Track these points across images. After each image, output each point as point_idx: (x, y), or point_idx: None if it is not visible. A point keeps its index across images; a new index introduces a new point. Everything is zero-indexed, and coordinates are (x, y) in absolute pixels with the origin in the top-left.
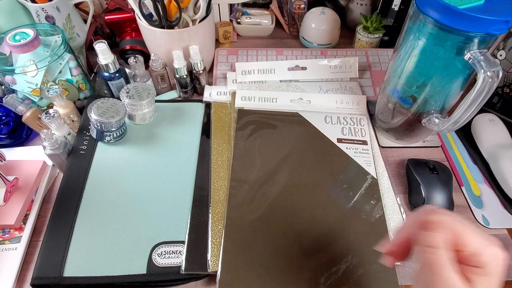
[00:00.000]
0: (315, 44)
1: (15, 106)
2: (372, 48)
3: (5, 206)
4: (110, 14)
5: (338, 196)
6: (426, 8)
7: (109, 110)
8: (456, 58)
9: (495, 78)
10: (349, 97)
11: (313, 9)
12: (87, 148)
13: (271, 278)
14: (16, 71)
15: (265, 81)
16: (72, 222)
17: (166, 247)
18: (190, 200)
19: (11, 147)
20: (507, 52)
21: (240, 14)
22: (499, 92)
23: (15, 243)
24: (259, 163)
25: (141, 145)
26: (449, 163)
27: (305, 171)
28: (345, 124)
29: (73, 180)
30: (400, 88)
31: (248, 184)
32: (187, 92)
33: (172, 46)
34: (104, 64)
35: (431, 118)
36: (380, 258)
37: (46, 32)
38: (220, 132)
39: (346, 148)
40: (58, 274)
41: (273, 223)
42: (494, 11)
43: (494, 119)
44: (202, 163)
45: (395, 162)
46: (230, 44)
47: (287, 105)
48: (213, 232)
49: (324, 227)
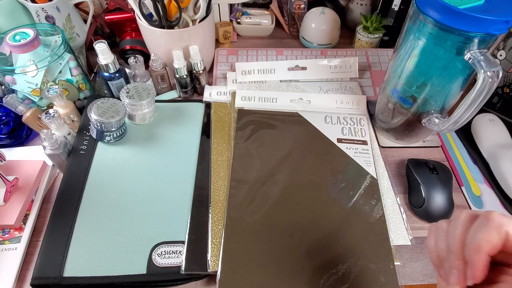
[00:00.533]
0: (315, 44)
1: (15, 106)
2: (372, 48)
3: (5, 206)
4: (110, 14)
5: (338, 196)
6: (426, 8)
7: (109, 110)
8: (456, 58)
9: (495, 78)
10: (349, 97)
11: (313, 9)
12: (87, 148)
13: (271, 278)
14: (16, 71)
15: (265, 81)
16: (72, 222)
17: (166, 247)
18: (190, 200)
19: (11, 147)
20: (507, 52)
21: (240, 14)
22: (499, 92)
23: (15, 243)
24: (259, 163)
25: (141, 145)
26: (449, 163)
27: (305, 171)
28: (345, 124)
29: (73, 180)
30: (400, 88)
31: (248, 184)
32: (187, 92)
33: (172, 46)
34: (104, 64)
35: (431, 118)
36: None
37: (46, 32)
38: (220, 132)
39: (346, 148)
40: (58, 274)
41: (273, 223)
42: (494, 11)
43: (494, 119)
44: (202, 163)
45: (395, 162)
46: (230, 44)
47: (287, 105)
48: (213, 232)
49: (324, 227)
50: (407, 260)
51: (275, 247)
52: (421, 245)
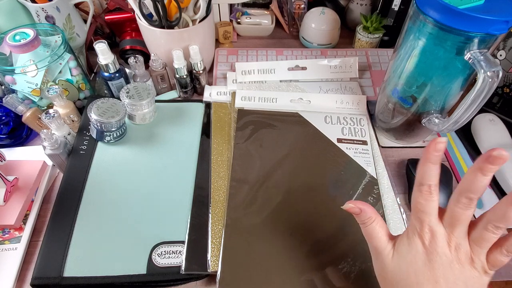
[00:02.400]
0: (315, 44)
1: (15, 106)
2: (372, 48)
3: (5, 206)
4: (110, 14)
5: (338, 196)
6: (426, 8)
7: (109, 110)
8: (456, 58)
9: (495, 78)
10: (349, 97)
11: (313, 9)
12: (87, 148)
13: (271, 278)
14: (16, 71)
15: (265, 81)
16: (72, 222)
17: (166, 247)
18: (190, 200)
19: (11, 147)
20: (507, 52)
21: (240, 14)
22: (499, 92)
23: (15, 243)
24: (259, 163)
25: (141, 145)
26: (449, 163)
27: (305, 171)
28: (345, 124)
29: (73, 180)
30: (400, 88)
31: (248, 184)
32: (187, 92)
33: (172, 46)
34: (104, 64)
35: (431, 118)
36: None
37: (46, 32)
38: (220, 132)
39: (346, 148)
40: (58, 274)
41: (273, 223)
42: (494, 11)
43: (494, 119)
44: (202, 163)
45: (395, 162)
46: (230, 44)
47: (287, 105)
48: (213, 232)
49: (324, 227)
50: None
51: (275, 247)
52: None
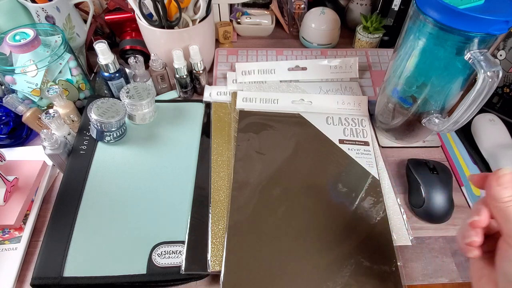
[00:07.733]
0: (315, 44)
1: (15, 106)
2: (372, 48)
3: (5, 206)
4: (110, 14)
5: (341, 198)
6: (426, 8)
7: (109, 110)
8: (456, 58)
9: (495, 78)
10: (350, 98)
11: (313, 9)
12: (87, 148)
13: (275, 280)
14: (16, 71)
15: (265, 81)
16: (72, 222)
17: (166, 247)
18: (190, 200)
19: (11, 147)
20: (507, 52)
21: (240, 14)
22: (499, 92)
23: (15, 243)
24: (261, 164)
25: (141, 145)
26: (449, 163)
27: (307, 173)
28: (347, 125)
29: (73, 180)
30: (400, 88)
31: (250, 186)
32: (187, 92)
33: (172, 46)
34: (104, 64)
35: (431, 118)
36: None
37: (46, 32)
38: (220, 132)
39: (348, 149)
40: (58, 274)
41: (276, 225)
42: (494, 11)
43: (494, 119)
44: (202, 163)
45: (395, 162)
46: (230, 44)
47: (288, 106)
48: (213, 232)
49: (327, 229)
50: (407, 260)
51: (277, 249)
52: (421, 245)
